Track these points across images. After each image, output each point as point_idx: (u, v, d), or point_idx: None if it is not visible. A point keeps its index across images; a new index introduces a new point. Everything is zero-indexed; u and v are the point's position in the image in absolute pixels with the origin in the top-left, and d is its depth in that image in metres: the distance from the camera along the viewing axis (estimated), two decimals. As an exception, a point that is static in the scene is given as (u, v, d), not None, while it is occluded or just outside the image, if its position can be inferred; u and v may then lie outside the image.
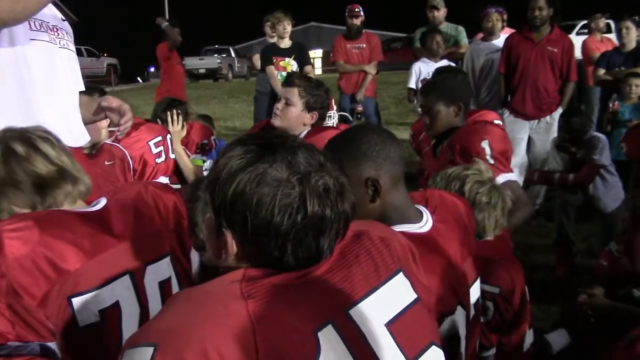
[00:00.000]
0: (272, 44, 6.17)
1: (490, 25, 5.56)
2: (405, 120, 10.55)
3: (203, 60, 26.24)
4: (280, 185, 1.02)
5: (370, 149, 1.56)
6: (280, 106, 2.98)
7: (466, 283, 1.60)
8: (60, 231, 1.39)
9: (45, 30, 2.08)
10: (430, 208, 1.60)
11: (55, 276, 1.35)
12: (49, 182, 1.49)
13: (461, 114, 2.69)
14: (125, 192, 1.62)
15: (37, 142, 1.50)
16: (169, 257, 1.60)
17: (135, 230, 1.54)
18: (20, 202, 1.49)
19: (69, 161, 1.55)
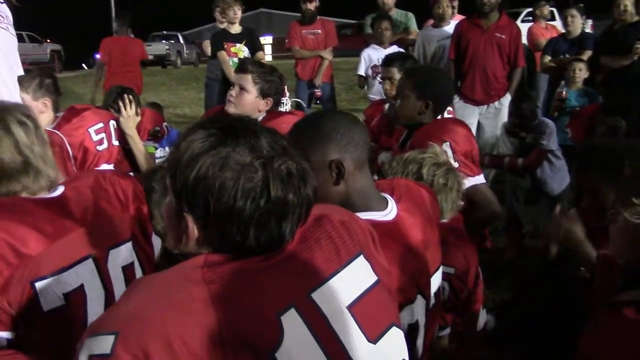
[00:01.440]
0: (222, 29, 6.10)
1: (441, 12, 5.62)
2: (356, 107, 10.59)
3: (151, 47, 25.57)
4: (243, 169, 1.00)
5: (334, 132, 1.56)
6: (234, 93, 2.94)
7: (427, 273, 1.61)
8: (20, 216, 1.37)
9: None
10: (395, 196, 1.61)
11: (16, 261, 1.33)
12: (10, 172, 1.46)
13: (428, 112, 2.64)
14: (82, 179, 1.60)
15: (11, 125, 1.46)
16: (131, 243, 1.59)
17: (95, 215, 1.52)
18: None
19: (40, 151, 1.51)
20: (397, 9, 6.24)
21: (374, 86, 5.55)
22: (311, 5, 6.45)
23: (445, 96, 2.79)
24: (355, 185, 1.55)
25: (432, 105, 2.63)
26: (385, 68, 3.49)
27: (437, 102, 2.65)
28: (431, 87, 2.65)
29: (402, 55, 3.72)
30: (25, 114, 1.51)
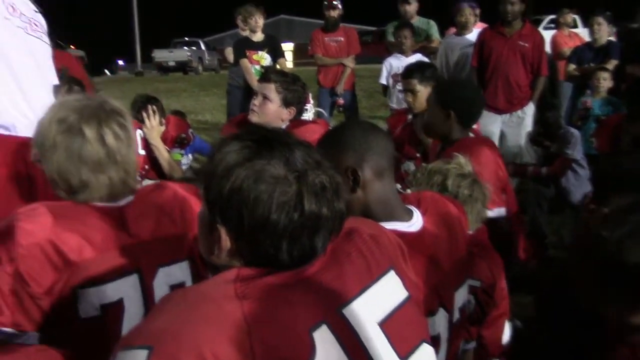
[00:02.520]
0: (244, 37, 6.13)
1: (464, 20, 5.60)
2: (376, 114, 10.57)
3: (172, 53, 25.95)
4: (277, 182, 1.01)
5: (351, 139, 1.56)
6: (257, 102, 2.96)
7: (451, 286, 1.60)
8: (72, 222, 1.39)
9: (18, 16, 2.05)
10: (422, 209, 1.60)
11: (63, 266, 1.34)
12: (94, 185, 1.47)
13: (453, 123, 2.62)
14: (155, 193, 1.60)
15: (106, 136, 1.47)
16: (186, 262, 1.57)
17: (152, 231, 1.52)
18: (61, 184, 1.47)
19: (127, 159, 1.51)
20: (418, 16, 6.22)
21: (394, 94, 5.54)
22: (334, 13, 6.46)
23: (469, 105, 2.73)
24: (375, 194, 1.55)
25: (455, 115, 2.61)
26: (405, 80, 3.49)
27: (459, 111, 2.63)
28: (452, 96, 2.64)
29: (421, 66, 3.71)
30: (121, 124, 1.51)
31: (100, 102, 1.52)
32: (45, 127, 1.47)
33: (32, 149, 1.53)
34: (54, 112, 1.49)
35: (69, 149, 1.44)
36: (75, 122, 1.45)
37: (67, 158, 1.45)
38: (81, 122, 1.45)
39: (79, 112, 1.47)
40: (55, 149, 1.45)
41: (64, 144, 1.45)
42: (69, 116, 1.46)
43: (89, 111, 1.47)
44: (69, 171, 1.45)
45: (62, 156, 1.45)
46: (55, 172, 1.47)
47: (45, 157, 1.47)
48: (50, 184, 1.52)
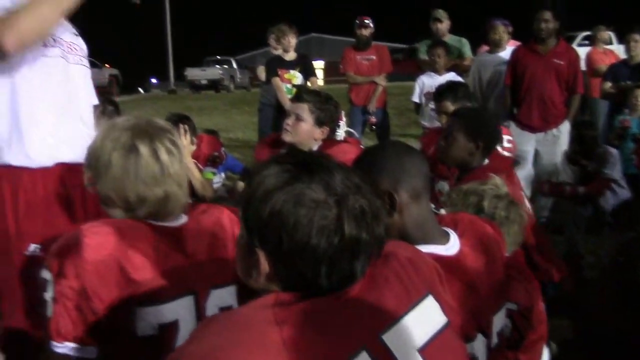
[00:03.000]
0: (277, 56, 6.18)
1: (497, 37, 5.57)
2: (408, 132, 10.54)
3: (205, 72, 26.32)
4: (317, 206, 1.00)
5: (385, 162, 1.55)
6: (290, 122, 2.96)
7: (489, 311, 1.57)
8: (135, 241, 1.41)
9: (58, 46, 2.08)
10: (459, 231, 1.58)
11: (125, 284, 1.37)
12: (150, 199, 1.49)
13: (478, 153, 2.63)
14: (208, 214, 1.62)
15: (159, 152, 1.50)
16: (234, 286, 1.58)
17: (207, 253, 1.54)
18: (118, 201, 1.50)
19: (180, 177, 1.54)
20: (450, 34, 6.21)
21: (427, 113, 5.51)
22: (366, 31, 6.48)
23: (494, 136, 2.76)
24: (411, 217, 1.53)
25: (483, 146, 2.62)
26: (438, 103, 3.47)
27: (487, 142, 2.64)
28: (481, 127, 2.64)
29: (453, 86, 3.69)
30: (172, 140, 1.55)
31: (148, 120, 1.57)
32: (98, 148, 1.51)
33: (85, 172, 1.56)
34: (105, 133, 1.52)
35: (124, 166, 1.48)
36: (128, 139, 1.49)
37: (123, 175, 1.48)
38: (134, 139, 1.49)
39: (130, 130, 1.51)
40: (111, 167, 1.48)
41: (119, 161, 1.48)
42: (121, 135, 1.49)
43: (140, 129, 1.51)
44: (126, 187, 1.48)
45: (118, 173, 1.48)
46: (111, 190, 1.50)
47: (101, 177, 1.50)
48: (99, 205, 1.55)
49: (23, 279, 1.98)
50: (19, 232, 1.99)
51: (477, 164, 2.64)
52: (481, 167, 2.64)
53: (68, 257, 1.36)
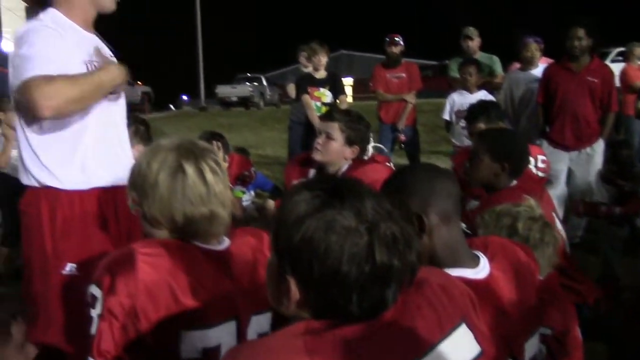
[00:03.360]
0: (307, 73, 6.21)
1: (529, 55, 5.52)
2: (438, 149, 10.48)
3: (235, 89, 26.57)
4: (349, 233, 0.99)
5: (415, 184, 1.54)
6: (321, 141, 2.97)
7: (521, 336, 1.54)
8: (187, 265, 1.42)
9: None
10: (489, 254, 1.55)
11: (174, 307, 1.37)
12: (195, 218, 1.50)
13: (505, 175, 2.59)
14: (247, 237, 1.63)
15: (205, 172, 1.51)
16: (270, 313, 1.59)
17: (249, 278, 1.54)
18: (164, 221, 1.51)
19: (223, 197, 1.55)
20: (481, 51, 6.18)
21: (457, 131, 5.48)
22: (396, 49, 6.50)
23: (521, 157, 2.70)
24: (441, 240, 1.51)
25: (509, 167, 2.58)
26: (471, 124, 3.45)
27: (513, 164, 2.60)
28: (506, 148, 2.60)
29: (486, 107, 3.65)
30: (215, 160, 1.56)
31: (191, 141, 1.59)
32: (144, 169, 1.52)
33: (129, 194, 1.57)
34: (151, 154, 1.54)
35: (171, 186, 1.49)
36: (174, 160, 1.51)
37: (170, 195, 1.49)
38: (180, 159, 1.50)
39: (176, 150, 1.52)
40: (158, 187, 1.49)
41: (166, 181, 1.49)
42: (167, 155, 1.51)
43: (185, 149, 1.53)
44: (173, 207, 1.49)
45: (166, 193, 1.49)
46: (157, 211, 1.51)
47: (147, 197, 1.51)
48: (133, 226, 1.56)
49: (59, 297, 2.01)
50: (56, 251, 2.02)
51: (504, 185, 2.61)
52: (512, 187, 2.61)
53: (120, 274, 1.37)
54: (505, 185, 2.60)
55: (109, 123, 2.18)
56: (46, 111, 1.90)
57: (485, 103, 3.95)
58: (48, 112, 1.91)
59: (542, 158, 3.32)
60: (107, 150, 2.15)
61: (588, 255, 4.65)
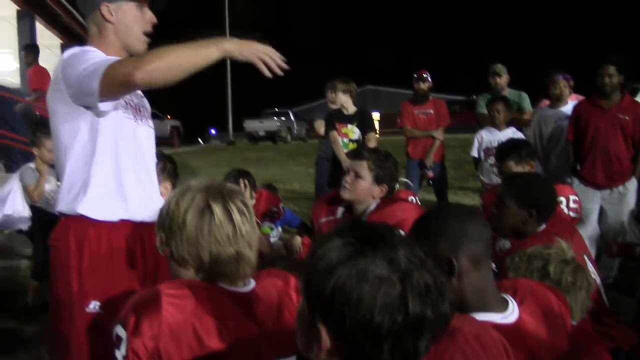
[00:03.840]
0: (336, 110, 6.19)
1: (558, 92, 5.49)
2: (465, 185, 10.39)
3: (263, 123, 26.86)
4: (381, 283, 0.98)
5: (445, 227, 1.53)
6: (349, 179, 2.97)
7: None
8: (212, 307, 1.42)
9: (130, 109, 2.19)
10: (518, 298, 1.53)
11: (197, 349, 1.37)
12: (222, 259, 1.51)
13: (532, 221, 2.54)
14: (273, 279, 1.63)
15: (233, 213, 1.52)
16: (294, 357, 1.57)
17: (274, 321, 1.54)
18: (192, 261, 1.52)
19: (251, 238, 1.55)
20: (509, 88, 6.16)
21: (486, 168, 5.44)
22: (424, 86, 6.53)
23: (549, 204, 2.65)
24: (470, 283, 1.50)
25: (536, 214, 2.53)
26: (501, 163, 3.43)
27: (540, 209, 2.55)
28: (534, 195, 2.56)
29: (516, 146, 3.63)
30: (243, 201, 1.57)
31: (219, 183, 1.61)
32: (173, 209, 1.54)
33: (157, 233, 1.59)
34: (179, 194, 1.56)
35: (199, 226, 1.51)
36: (202, 200, 1.52)
37: (197, 234, 1.50)
38: (208, 199, 1.52)
39: (204, 191, 1.55)
40: (186, 227, 1.51)
41: (193, 221, 1.51)
42: (195, 196, 1.53)
43: (213, 190, 1.55)
44: (200, 247, 1.50)
45: (193, 233, 1.51)
46: (185, 251, 1.52)
47: (175, 237, 1.53)
48: (159, 263, 1.57)
49: (82, 334, 2.01)
50: (82, 288, 2.04)
51: (532, 230, 2.56)
52: (541, 232, 2.55)
53: (145, 315, 1.37)
54: (533, 230, 2.55)
55: (139, 156, 2.20)
56: (140, 74, 1.87)
57: (516, 141, 3.92)
58: (142, 75, 1.87)
59: (574, 198, 3.27)
60: (137, 183, 2.17)
61: (622, 297, 4.52)
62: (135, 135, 2.19)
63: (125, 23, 2.16)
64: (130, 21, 2.16)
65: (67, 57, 2.06)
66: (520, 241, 2.53)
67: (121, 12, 2.15)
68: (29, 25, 12.07)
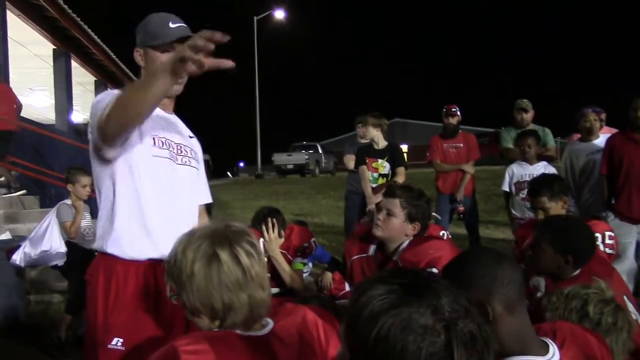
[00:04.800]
0: (367, 144, 6.20)
1: (588, 125, 5.43)
2: (495, 218, 10.27)
3: (291, 157, 27.05)
4: (426, 332, 0.97)
5: (476, 273, 1.51)
6: (381, 217, 2.96)
7: None
8: (228, 355, 1.39)
9: (167, 148, 2.20)
10: (558, 341, 1.51)
11: None
12: (234, 306, 1.48)
13: (569, 267, 2.49)
14: (291, 317, 1.60)
15: (240, 257, 1.50)
16: None
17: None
18: (204, 310, 1.50)
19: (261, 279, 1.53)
20: (533, 124, 6.12)
21: (517, 202, 5.39)
22: (453, 120, 6.53)
23: (587, 249, 2.58)
24: (507, 329, 1.48)
25: (572, 260, 2.48)
26: (535, 199, 3.40)
27: (577, 255, 2.50)
28: (570, 240, 2.51)
29: (549, 181, 3.59)
30: (251, 242, 1.55)
31: (225, 224, 1.57)
32: (180, 260, 1.52)
33: (167, 283, 1.58)
34: (184, 243, 1.54)
35: (207, 275, 1.48)
36: (208, 248, 1.50)
37: (207, 284, 1.48)
38: (214, 246, 1.50)
39: (209, 237, 1.52)
40: (194, 277, 1.49)
41: (201, 271, 1.48)
42: (201, 244, 1.51)
43: (219, 235, 1.52)
44: (211, 296, 1.48)
45: (202, 283, 1.48)
46: (197, 301, 1.50)
47: (185, 288, 1.51)
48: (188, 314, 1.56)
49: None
50: (106, 323, 2.05)
51: (568, 274, 2.50)
52: (578, 275, 2.50)
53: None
54: (569, 274, 2.50)
55: (173, 198, 2.21)
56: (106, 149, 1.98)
57: (549, 177, 3.88)
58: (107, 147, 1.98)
59: (610, 234, 3.21)
60: (167, 223, 2.16)
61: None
62: (172, 175, 2.21)
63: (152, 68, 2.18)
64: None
65: (92, 105, 2.11)
66: (556, 283, 2.48)
67: (148, 58, 2.19)
68: (64, 63, 12.42)
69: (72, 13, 11.04)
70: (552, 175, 4.12)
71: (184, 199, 2.25)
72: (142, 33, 2.20)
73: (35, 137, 10.08)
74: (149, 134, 2.15)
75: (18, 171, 8.92)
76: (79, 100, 14.93)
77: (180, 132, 2.32)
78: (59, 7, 10.44)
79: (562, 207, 3.47)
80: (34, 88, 15.29)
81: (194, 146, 2.38)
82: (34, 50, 11.98)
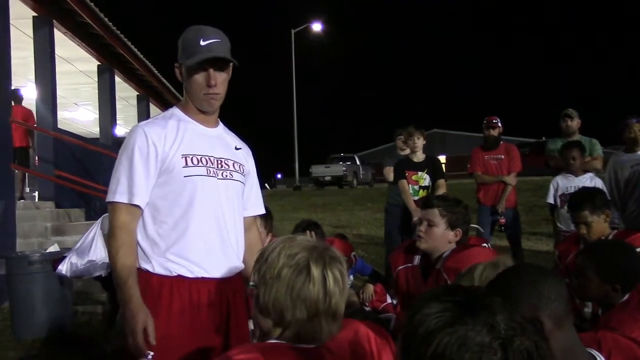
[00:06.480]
0: (405, 157, 6.22)
1: (632, 136, 5.32)
2: (537, 230, 10.10)
3: (329, 168, 27.10)
4: (482, 350, 0.95)
5: (522, 290, 1.50)
6: (423, 228, 3.00)
7: None
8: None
9: (203, 165, 2.20)
10: (604, 352, 1.49)
11: None
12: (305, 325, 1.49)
13: (618, 295, 2.38)
14: (345, 331, 1.58)
15: (328, 278, 1.50)
16: None
17: None
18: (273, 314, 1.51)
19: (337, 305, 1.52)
20: (580, 134, 6.04)
21: (562, 215, 5.31)
22: (494, 132, 6.46)
23: (635, 276, 2.45)
24: (558, 344, 1.46)
25: (621, 288, 2.38)
26: (576, 213, 3.36)
27: (625, 282, 2.39)
28: (618, 268, 2.40)
29: (590, 195, 3.53)
30: (341, 271, 1.54)
31: (326, 246, 1.58)
32: (273, 258, 1.53)
33: (252, 273, 1.59)
34: (284, 245, 1.55)
35: (291, 284, 1.49)
36: (304, 259, 1.50)
37: (287, 292, 1.48)
38: (310, 260, 1.50)
39: (308, 251, 1.52)
40: (279, 280, 1.50)
41: (288, 278, 1.49)
42: (299, 253, 1.51)
43: (317, 252, 1.52)
44: (286, 306, 1.49)
45: (283, 289, 1.49)
46: (271, 303, 1.50)
47: (266, 286, 1.51)
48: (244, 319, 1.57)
49: None
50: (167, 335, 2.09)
51: (617, 301, 2.40)
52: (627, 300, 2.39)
53: None
54: (618, 300, 2.40)
55: (213, 216, 2.22)
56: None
57: (589, 190, 3.81)
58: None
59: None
60: (203, 243, 2.18)
61: None
62: (212, 190, 2.21)
63: (189, 84, 2.22)
64: (192, 83, 2.20)
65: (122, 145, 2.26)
66: (605, 314, 2.39)
67: (186, 74, 2.21)
68: (108, 79, 12.72)
69: (116, 30, 11.32)
70: (593, 189, 4.04)
71: (224, 213, 2.25)
72: (179, 48, 2.23)
73: (80, 151, 10.34)
74: (179, 154, 2.17)
75: (66, 185, 9.17)
76: (121, 114, 15.24)
77: (224, 146, 2.32)
78: (103, 25, 10.72)
79: (605, 220, 3.40)
80: (79, 103, 15.70)
81: (239, 158, 2.36)
82: (79, 67, 12.31)
